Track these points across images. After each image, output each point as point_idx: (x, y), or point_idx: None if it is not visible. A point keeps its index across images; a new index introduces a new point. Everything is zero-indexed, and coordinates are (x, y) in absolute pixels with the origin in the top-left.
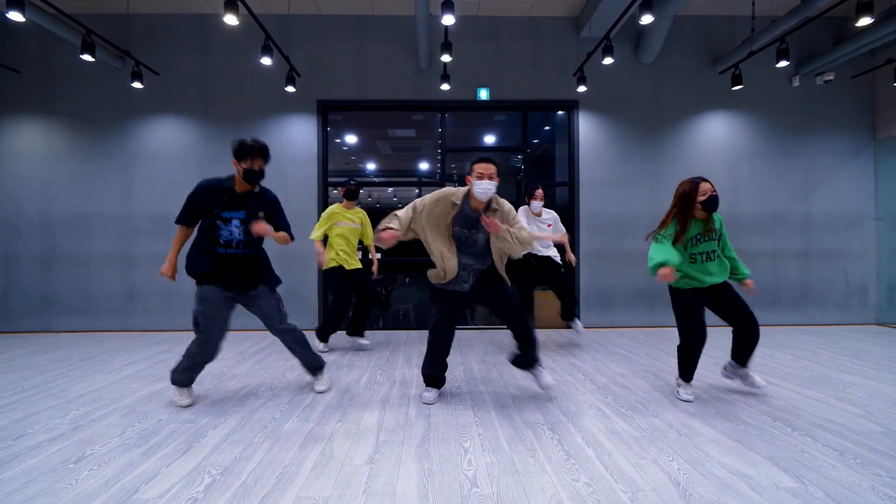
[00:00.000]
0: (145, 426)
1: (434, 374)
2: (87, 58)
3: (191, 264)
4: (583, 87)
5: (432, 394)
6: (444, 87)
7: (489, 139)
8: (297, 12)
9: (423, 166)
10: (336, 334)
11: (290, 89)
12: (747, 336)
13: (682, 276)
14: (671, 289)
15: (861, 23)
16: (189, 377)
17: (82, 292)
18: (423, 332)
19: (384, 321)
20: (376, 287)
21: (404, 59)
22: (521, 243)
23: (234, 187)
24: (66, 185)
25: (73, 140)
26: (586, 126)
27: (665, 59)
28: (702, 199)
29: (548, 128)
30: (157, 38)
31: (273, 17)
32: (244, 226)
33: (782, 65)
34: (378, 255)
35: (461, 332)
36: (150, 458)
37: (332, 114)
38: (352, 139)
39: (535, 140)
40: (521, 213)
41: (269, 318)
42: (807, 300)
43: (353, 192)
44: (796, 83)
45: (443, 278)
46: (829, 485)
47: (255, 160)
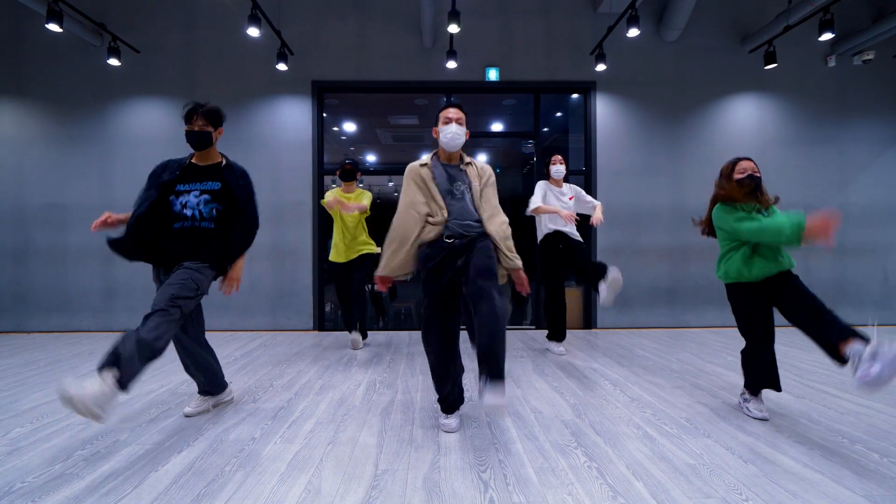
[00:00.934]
0: (97, 448)
1: (446, 395)
2: (53, 27)
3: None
4: (602, 66)
5: (452, 421)
6: (451, 64)
7: (496, 126)
8: None
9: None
10: (334, 339)
11: (281, 67)
12: (821, 326)
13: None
14: (727, 285)
15: None
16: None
17: (58, 289)
18: None
19: (384, 321)
20: (366, 284)
21: (407, 36)
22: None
23: (191, 160)
24: (40, 174)
25: (47, 124)
26: (604, 109)
27: (689, 37)
28: (738, 177)
29: (559, 114)
30: (138, 13)
31: None
32: (204, 196)
33: (826, 38)
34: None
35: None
36: (90, 496)
37: (328, 97)
38: (350, 127)
39: (545, 129)
40: (540, 188)
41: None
42: (842, 299)
43: (348, 171)
44: (832, 63)
45: (434, 234)
46: None
47: (193, 121)
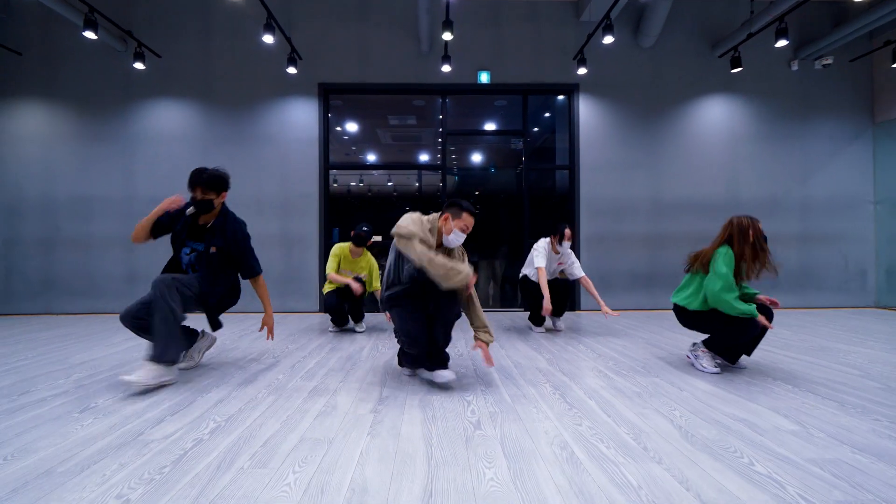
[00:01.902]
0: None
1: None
2: (89, 35)
3: None
4: (583, 70)
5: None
6: (446, 68)
7: (489, 126)
8: None
9: (424, 157)
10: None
11: (291, 70)
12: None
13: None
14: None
15: None
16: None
17: (83, 275)
18: None
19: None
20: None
21: (405, 43)
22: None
23: (194, 217)
24: (67, 168)
25: (74, 122)
26: (586, 109)
27: (664, 43)
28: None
29: (548, 114)
30: (159, 20)
31: None
32: (195, 255)
33: (781, 44)
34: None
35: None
36: (154, 409)
37: (333, 98)
38: (352, 127)
39: (535, 128)
40: (542, 252)
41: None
42: (806, 283)
43: (361, 238)
44: (795, 67)
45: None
46: (830, 427)
47: (195, 189)
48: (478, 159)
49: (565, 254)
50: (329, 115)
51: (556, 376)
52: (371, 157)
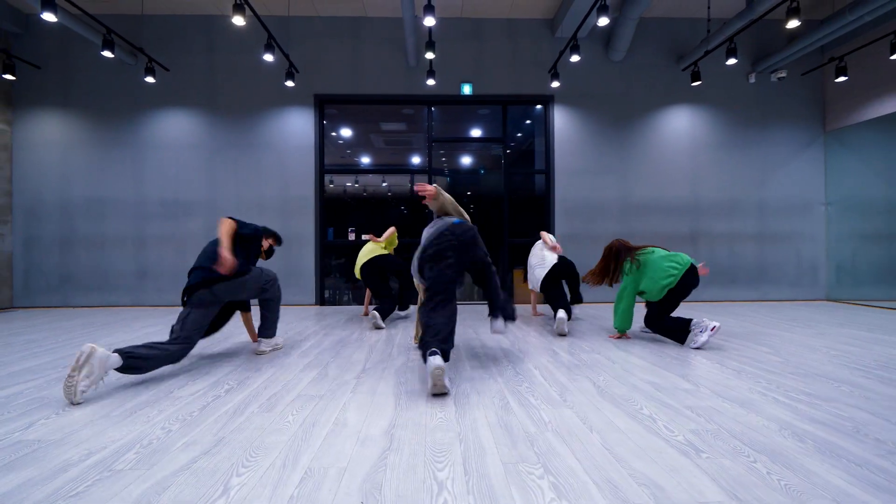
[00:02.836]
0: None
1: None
2: (107, 54)
3: None
4: (556, 83)
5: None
6: (430, 82)
7: (475, 132)
8: (297, 14)
9: (416, 160)
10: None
11: (289, 84)
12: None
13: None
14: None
15: (790, 25)
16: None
17: (98, 271)
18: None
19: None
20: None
21: (394, 57)
22: None
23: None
24: (83, 173)
25: (89, 131)
26: (561, 119)
27: (633, 58)
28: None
29: (528, 122)
30: (167, 38)
31: (274, 18)
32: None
33: (731, 62)
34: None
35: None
36: (177, 375)
37: (328, 108)
38: (347, 133)
39: (518, 134)
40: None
41: None
42: (763, 278)
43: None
44: (752, 80)
45: None
46: (718, 387)
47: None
48: (467, 162)
49: (551, 239)
50: (325, 122)
51: (514, 354)
52: (366, 160)
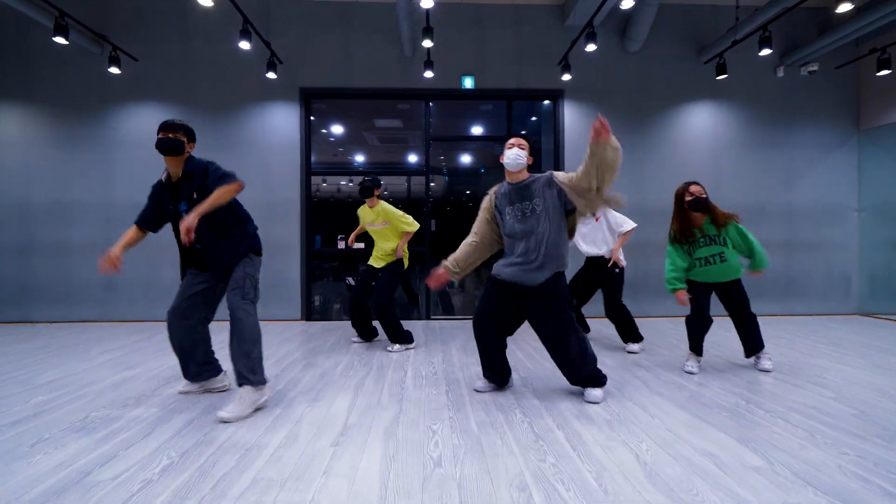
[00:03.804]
0: (109, 412)
1: (484, 370)
2: (60, 41)
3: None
4: (567, 76)
5: (482, 382)
6: (428, 74)
7: (476, 130)
8: None
9: (412, 158)
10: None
11: (271, 76)
12: (743, 330)
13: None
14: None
15: (841, 9)
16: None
17: (62, 282)
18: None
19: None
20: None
21: (388, 47)
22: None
23: (168, 177)
24: (45, 173)
25: (51, 127)
26: (571, 115)
27: (650, 48)
28: (688, 199)
29: (535, 118)
30: (137, 24)
31: (252, 1)
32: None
33: (765, 53)
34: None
35: (443, 322)
36: (108, 442)
37: (315, 102)
38: (338, 129)
39: (523, 131)
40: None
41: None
42: (790, 291)
43: (365, 189)
44: (780, 73)
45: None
46: (797, 464)
47: (164, 132)
48: (467, 160)
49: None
50: (312, 118)
51: (528, 398)
52: (359, 159)
